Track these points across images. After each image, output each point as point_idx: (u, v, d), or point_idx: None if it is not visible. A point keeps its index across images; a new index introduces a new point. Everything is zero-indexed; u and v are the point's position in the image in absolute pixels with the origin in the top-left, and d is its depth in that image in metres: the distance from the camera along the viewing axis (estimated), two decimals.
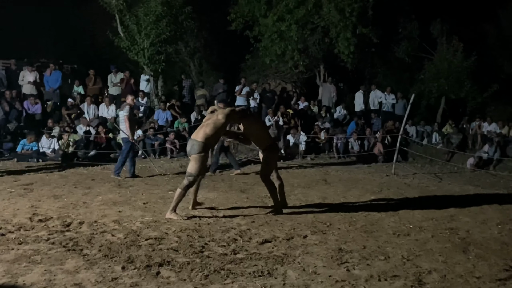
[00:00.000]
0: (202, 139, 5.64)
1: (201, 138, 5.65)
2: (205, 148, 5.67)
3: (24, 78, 13.26)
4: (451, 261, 4.53)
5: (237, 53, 17.26)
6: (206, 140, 5.67)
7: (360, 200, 7.34)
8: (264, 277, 3.93)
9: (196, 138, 5.69)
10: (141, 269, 4.01)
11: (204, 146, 5.65)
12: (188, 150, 5.72)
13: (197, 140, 5.65)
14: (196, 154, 5.63)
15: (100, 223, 5.50)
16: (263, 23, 15.16)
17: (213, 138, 5.80)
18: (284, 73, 17.55)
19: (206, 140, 5.66)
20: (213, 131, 5.71)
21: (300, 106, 15.36)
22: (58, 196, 6.96)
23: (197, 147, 5.62)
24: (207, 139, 5.67)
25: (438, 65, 16.06)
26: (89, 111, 13.14)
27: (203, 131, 5.70)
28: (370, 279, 3.98)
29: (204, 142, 5.64)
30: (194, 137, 5.73)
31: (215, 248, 4.69)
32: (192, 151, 5.65)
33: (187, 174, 5.73)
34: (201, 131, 5.72)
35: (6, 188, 7.45)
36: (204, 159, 5.72)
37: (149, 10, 13.58)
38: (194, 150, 5.64)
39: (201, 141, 5.64)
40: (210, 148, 5.83)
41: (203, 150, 5.64)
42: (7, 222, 5.39)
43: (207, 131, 5.70)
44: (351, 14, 14.19)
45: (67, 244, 4.65)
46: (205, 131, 5.69)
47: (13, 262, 4.09)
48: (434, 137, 14.50)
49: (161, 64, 14.17)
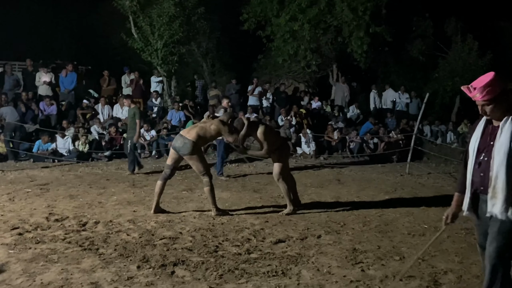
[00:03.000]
0: (194, 139, 5.88)
1: (193, 138, 5.88)
2: (196, 147, 5.90)
3: (40, 79, 13.43)
4: (467, 261, 4.49)
5: (250, 53, 17.30)
6: (197, 140, 5.91)
7: (374, 200, 7.30)
8: (278, 277, 3.94)
9: (188, 136, 5.89)
10: (156, 269, 4.04)
11: (195, 145, 5.87)
12: (177, 146, 5.88)
13: (189, 139, 5.86)
14: (190, 155, 5.87)
15: (115, 223, 5.55)
16: (276, 23, 15.16)
17: (202, 141, 6.10)
18: (296, 73, 17.53)
19: (197, 140, 5.90)
20: (203, 136, 6.02)
21: (313, 105, 15.32)
22: (74, 196, 7.04)
23: (189, 146, 5.83)
24: (198, 139, 5.92)
25: (452, 64, 15.92)
26: (104, 111, 13.26)
27: (195, 132, 5.95)
28: (385, 279, 3.96)
29: (193, 141, 5.86)
30: (185, 135, 5.93)
31: (229, 247, 4.71)
32: (183, 150, 5.86)
33: (199, 173, 6.03)
34: (194, 131, 5.96)
35: (23, 188, 7.55)
36: (200, 156, 5.99)
37: (162, 11, 13.66)
38: (185, 150, 5.84)
39: (192, 140, 5.86)
40: (199, 147, 6.06)
41: (195, 151, 5.88)
42: (25, 222, 5.47)
43: (200, 133, 5.97)
44: (364, 13, 14.13)
45: (83, 244, 4.71)
46: (197, 132, 5.95)
47: (30, 261, 4.16)
48: (449, 136, 14.35)
49: (174, 64, 14.25)
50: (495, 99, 2.95)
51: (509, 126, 2.94)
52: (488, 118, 3.06)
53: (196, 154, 5.91)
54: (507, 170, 2.89)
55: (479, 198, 3.06)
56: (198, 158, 5.94)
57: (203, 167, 5.97)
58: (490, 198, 2.95)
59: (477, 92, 2.97)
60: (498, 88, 2.94)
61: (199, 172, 6.01)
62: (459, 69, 15.75)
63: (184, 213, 6.13)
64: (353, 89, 16.57)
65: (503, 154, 2.91)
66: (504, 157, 2.91)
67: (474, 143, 3.09)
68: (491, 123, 3.07)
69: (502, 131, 2.96)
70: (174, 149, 5.96)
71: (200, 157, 5.99)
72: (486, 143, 3.03)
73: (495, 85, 2.93)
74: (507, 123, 2.96)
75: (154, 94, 14.21)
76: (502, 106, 2.98)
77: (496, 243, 2.94)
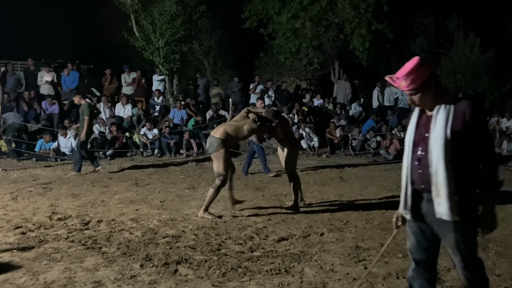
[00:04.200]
0: (221, 136, 5.61)
1: (220, 135, 5.62)
2: (223, 144, 5.59)
3: (42, 78, 13.44)
4: None
5: (252, 51, 17.29)
6: (225, 138, 5.63)
7: (376, 198, 7.29)
8: (281, 275, 3.94)
9: (214, 134, 5.68)
10: (159, 267, 4.05)
11: (222, 143, 5.59)
12: (207, 147, 5.75)
13: (216, 137, 5.62)
14: (216, 152, 5.57)
15: (118, 221, 5.56)
16: (277, 21, 15.15)
17: (231, 138, 5.76)
18: (298, 71, 17.52)
19: (224, 137, 5.62)
20: (233, 133, 5.72)
21: (315, 103, 15.30)
22: (77, 195, 7.06)
23: (215, 143, 5.58)
24: (226, 137, 5.64)
25: (455, 61, 15.86)
26: (105, 110, 13.28)
27: (223, 129, 5.69)
28: (388, 277, 3.95)
29: (221, 139, 5.60)
30: (213, 134, 5.72)
31: (232, 246, 4.71)
32: (211, 148, 5.63)
33: (216, 174, 5.66)
34: (222, 129, 5.71)
35: (26, 187, 7.57)
36: (225, 155, 5.61)
37: (164, 10, 13.67)
38: (212, 147, 5.60)
39: (219, 137, 5.61)
40: (228, 146, 5.73)
41: (221, 147, 5.57)
42: (28, 221, 5.48)
43: (228, 130, 5.69)
44: (366, 10, 14.10)
45: (86, 242, 4.71)
46: (225, 129, 5.68)
47: (33, 260, 4.17)
48: None
49: (176, 63, 14.25)
50: (422, 87, 2.67)
51: (442, 115, 2.64)
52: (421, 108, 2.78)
53: (221, 152, 5.58)
54: (446, 165, 2.59)
55: (422, 197, 2.79)
56: (222, 157, 5.57)
57: (224, 169, 5.58)
58: (435, 196, 2.66)
59: (401, 81, 2.70)
60: (423, 75, 2.65)
61: (217, 172, 5.62)
62: (462, 66, 15.69)
63: (187, 211, 6.13)
64: (355, 86, 16.54)
65: (439, 147, 2.62)
66: (441, 150, 2.61)
67: (409, 136, 2.79)
68: (425, 113, 2.78)
69: (436, 121, 2.66)
70: (208, 152, 5.82)
71: (224, 157, 5.60)
72: (422, 135, 2.74)
73: (420, 72, 2.66)
74: (439, 112, 2.66)
75: (156, 93, 14.22)
76: (431, 94, 2.68)
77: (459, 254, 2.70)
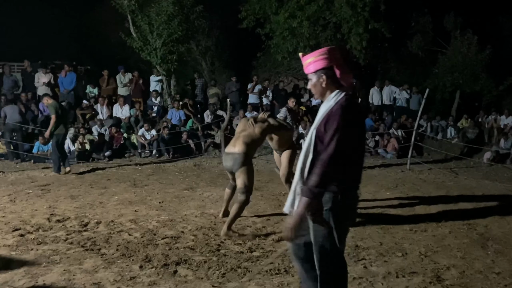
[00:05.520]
0: (243, 150, 5.23)
1: (241, 149, 5.24)
2: (247, 157, 5.26)
3: (39, 80, 13.41)
4: (470, 257, 4.49)
5: (249, 51, 17.27)
6: (247, 150, 5.26)
7: (375, 197, 7.29)
8: (281, 275, 3.94)
9: (234, 150, 5.27)
10: (159, 268, 4.04)
11: (245, 156, 5.23)
12: (229, 165, 5.28)
13: (238, 153, 5.22)
14: (242, 167, 5.19)
15: (117, 223, 5.54)
16: (275, 20, 15.13)
17: (252, 148, 5.42)
18: (296, 70, 17.51)
19: (246, 150, 5.25)
20: (251, 142, 5.35)
21: (313, 102, 15.27)
22: (75, 197, 7.04)
23: (239, 159, 5.20)
24: (247, 149, 5.27)
25: (452, 59, 15.88)
26: (103, 111, 13.25)
27: (241, 142, 5.30)
28: (387, 275, 3.95)
29: (245, 153, 5.23)
30: (231, 151, 5.30)
31: (231, 246, 4.70)
32: (236, 166, 5.21)
33: (240, 190, 5.17)
34: (240, 142, 5.31)
35: (24, 189, 7.55)
36: (250, 168, 5.29)
37: (161, 10, 13.63)
38: (237, 164, 5.20)
39: (242, 152, 5.22)
40: (251, 157, 5.40)
41: (247, 161, 5.24)
42: (26, 223, 5.47)
43: (246, 141, 5.31)
44: (363, 9, 14.08)
45: (85, 244, 4.70)
46: (243, 141, 5.29)
47: (33, 262, 4.16)
48: (449, 131, 14.34)
49: (173, 63, 14.22)
50: (317, 76, 2.55)
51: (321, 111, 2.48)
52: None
53: (247, 166, 5.21)
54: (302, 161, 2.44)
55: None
56: (248, 171, 5.21)
57: (250, 183, 5.20)
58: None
59: (305, 60, 2.57)
60: (322, 64, 2.51)
61: (242, 186, 5.15)
62: (459, 64, 15.70)
63: (186, 212, 6.12)
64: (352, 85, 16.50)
65: (306, 142, 2.47)
66: (305, 146, 2.47)
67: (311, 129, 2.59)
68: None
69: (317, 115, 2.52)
70: (227, 169, 5.41)
71: (250, 170, 5.26)
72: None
73: (321, 61, 2.51)
74: (322, 106, 2.51)
75: (154, 93, 14.20)
76: (320, 86, 2.57)
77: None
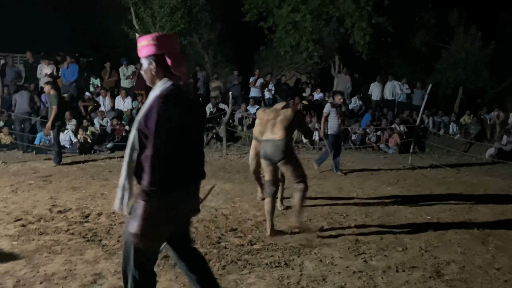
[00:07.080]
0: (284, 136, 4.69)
1: (282, 135, 4.69)
2: (289, 145, 4.79)
3: (41, 71, 13.41)
4: (470, 252, 4.50)
5: (251, 45, 17.23)
6: (288, 137, 4.76)
7: (376, 192, 7.30)
8: (281, 268, 3.95)
9: (274, 137, 4.71)
10: (159, 259, 4.05)
11: (288, 144, 4.75)
12: (270, 153, 4.71)
13: (280, 139, 4.68)
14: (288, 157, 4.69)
15: (118, 214, 5.54)
16: (277, 14, 15.07)
17: (291, 135, 4.90)
18: (298, 64, 17.45)
19: (287, 137, 4.74)
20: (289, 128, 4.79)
21: (315, 97, 15.27)
22: (77, 188, 7.06)
23: (281, 147, 4.66)
24: (288, 135, 4.76)
25: (455, 55, 15.86)
26: (105, 103, 13.25)
27: (282, 127, 4.72)
28: (387, 270, 3.96)
29: (288, 139, 4.73)
30: (271, 137, 4.73)
31: (232, 239, 4.71)
32: (277, 155, 4.68)
33: (296, 179, 4.74)
34: (279, 128, 4.72)
35: (26, 180, 7.57)
36: (296, 156, 4.87)
37: (164, 2, 13.62)
38: (279, 154, 4.67)
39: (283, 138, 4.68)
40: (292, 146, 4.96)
41: (290, 152, 4.74)
42: (28, 213, 5.49)
43: (285, 125, 4.73)
44: (367, 3, 14.03)
45: (86, 235, 4.72)
46: (284, 127, 4.72)
47: (34, 253, 4.18)
48: (452, 127, 14.33)
49: None
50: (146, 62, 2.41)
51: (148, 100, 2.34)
52: None
53: (292, 156, 4.72)
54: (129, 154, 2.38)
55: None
56: (295, 160, 4.77)
57: (301, 170, 4.76)
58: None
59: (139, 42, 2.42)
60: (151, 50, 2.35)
61: (297, 177, 4.72)
62: (462, 60, 15.69)
63: None
64: (355, 80, 16.50)
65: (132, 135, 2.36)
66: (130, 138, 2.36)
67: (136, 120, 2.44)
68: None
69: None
70: (267, 159, 4.78)
71: (297, 158, 4.83)
72: None
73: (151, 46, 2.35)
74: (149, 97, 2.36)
75: None
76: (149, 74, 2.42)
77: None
